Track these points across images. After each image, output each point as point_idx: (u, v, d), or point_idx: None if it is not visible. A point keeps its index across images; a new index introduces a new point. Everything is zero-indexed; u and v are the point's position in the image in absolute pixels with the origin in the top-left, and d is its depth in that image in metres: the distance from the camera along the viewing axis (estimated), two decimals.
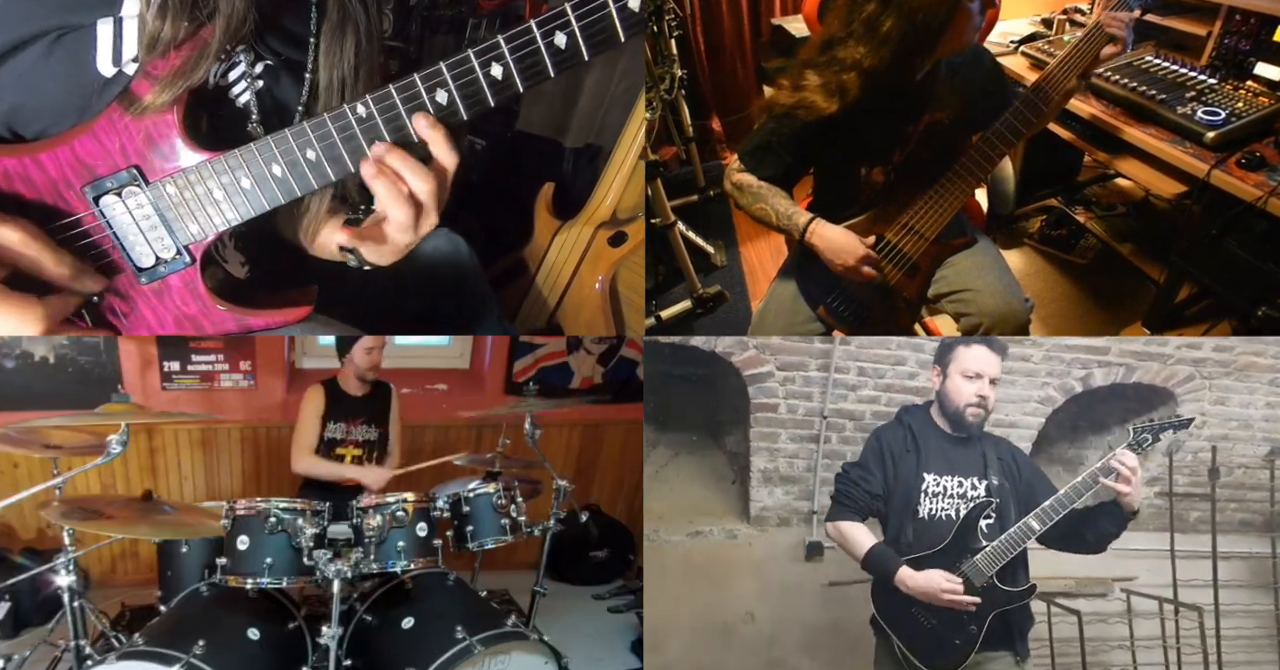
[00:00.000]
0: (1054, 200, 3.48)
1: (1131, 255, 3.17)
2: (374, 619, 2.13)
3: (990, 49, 2.20)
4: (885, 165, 1.98)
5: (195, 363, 2.98)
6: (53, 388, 2.82)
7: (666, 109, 3.56)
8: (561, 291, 2.57)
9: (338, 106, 1.18)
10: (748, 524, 3.16)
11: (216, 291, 1.24)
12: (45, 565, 2.04)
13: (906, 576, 1.70)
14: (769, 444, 3.03)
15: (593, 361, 3.57)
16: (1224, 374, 3.12)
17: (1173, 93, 2.39)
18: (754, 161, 1.98)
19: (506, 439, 2.64)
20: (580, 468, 3.61)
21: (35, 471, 2.77)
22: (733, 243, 3.91)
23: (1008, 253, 3.44)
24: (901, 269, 1.99)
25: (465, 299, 1.90)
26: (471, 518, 2.31)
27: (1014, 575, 1.73)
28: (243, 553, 1.95)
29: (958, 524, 1.73)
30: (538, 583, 2.61)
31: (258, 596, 2.08)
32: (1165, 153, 2.27)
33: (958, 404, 1.80)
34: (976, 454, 1.82)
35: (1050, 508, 1.68)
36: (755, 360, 2.87)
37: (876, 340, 2.88)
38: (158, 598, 2.18)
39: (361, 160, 1.18)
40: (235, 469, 3.12)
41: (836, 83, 1.78)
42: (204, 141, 1.17)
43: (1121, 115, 2.43)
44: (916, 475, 1.80)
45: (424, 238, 1.44)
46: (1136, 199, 3.29)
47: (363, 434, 2.72)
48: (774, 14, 4.11)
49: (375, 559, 2.03)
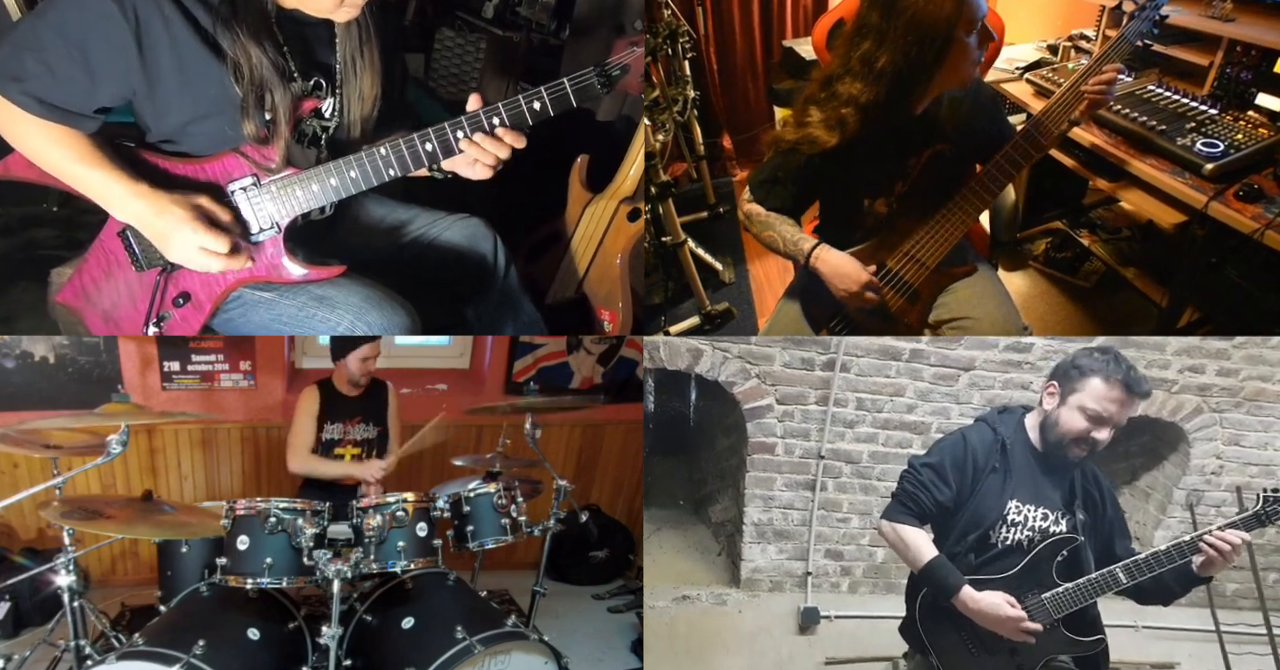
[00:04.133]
0: (1059, 223, 3.46)
1: (1135, 279, 3.11)
2: (374, 619, 2.13)
3: (995, 75, 2.24)
4: (888, 196, 2.02)
5: (195, 363, 2.97)
6: (53, 388, 2.82)
7: (679, 128, 3.61)
8: (588, 262, 2.66)
9: (361, 129, 1.90)
10: (738, 588, 3.04)
11: (291, 254, 1.85)
12: (45, 565, 2.04)
13: (969, 597, 1.58)
14: (764, 491, 2.97)
15: (592, 362, 3.56)
16: (1233, 405, 3.00)
17: (1173, 123, 2.39)
18: (762, 193, 2.07)
19: (506, 439, 2.63)
20: (580, 468, 3.60)
21: (35, 471, 2.77)
22: (741, 260, 3.94)
23: (1012, 275, 3.46)
24: (903, 296, 2.02)
25: (487, 290, 2.19)
26: (472, 517, 2.30)
27: (1082, 623, 1.62)
28: (242, 553, 1.95)
29: (1029, 556, 1.60)
30: (538, 582, 2.61)
31: (258, 596, 2.08)
32: (1165, 183, 2.27)
33: (1064, 436, 1.62)
34: (1065, 482, 1.68)
35: (1144, 563, 1.55)
36: (756, 391, 2.86)
37: (877, 367, 2.87)
38: (157, 598, 2.18)
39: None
40: (235, 469, 3.11)
41: (836, 117, 1.84)
42: (292, 160, 1.81)
43: (1124, 145, 2.43)
44: (1000, 500, 1.65)
45: (453, 222, 2.15)
46: (1142, 222, 3.26)
47: (360, 433, 2.72)
48: (785, 36, 4.22)
49: (375, 559, 2.03)
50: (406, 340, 3.54)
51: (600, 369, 3.59)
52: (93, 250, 1.87)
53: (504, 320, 2.27)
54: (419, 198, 2.21)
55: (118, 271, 1.86)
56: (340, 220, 2.05)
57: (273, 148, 1.77)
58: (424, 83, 3.32)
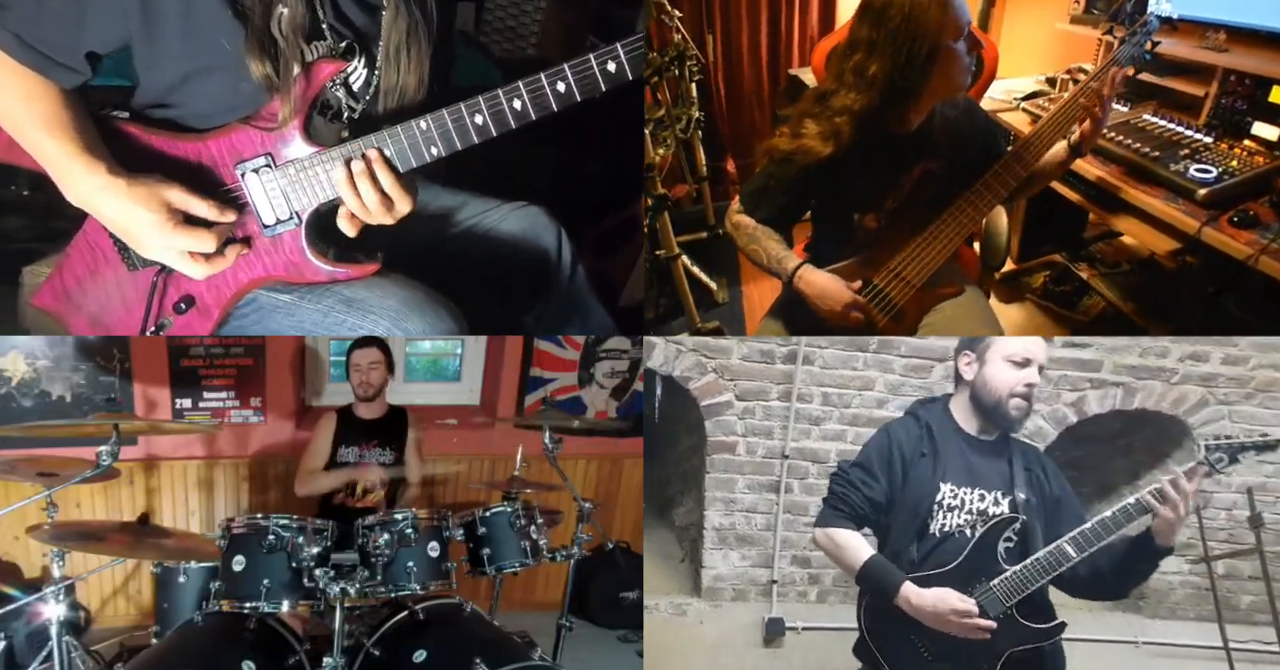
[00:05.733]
0: (1058, 256, 3.41)
1: (1134, 315, 2.99)
2: (381, 653, 1.98)
3: (993, 105, 2.27)
4: (878, 212, 2.01)
5: (206, 400, 2.94)
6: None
7: (681, 148, 3.64)
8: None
9: (392, 108, 1.62)
10: (699, 597, 2.88)
11: (314, 248, 1.62)
12: (34, 595, 1.94)
13: (911, 593, 1.48)
14: (726, 493, 2.83)
15: (605, 395, 3.48)
16: (1243, 397, 2.82)
17: (1167, 150, 2.41)
18: (752, 203, 2.06)
19: (524, 461, 2.53)
20: (600, 504, 3.47)
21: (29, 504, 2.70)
22: (736, 282, 3.92)
23: (1009, 307, 3.38)
24: (888, 314, 1.99)
25: (549, 291, 1.93)
26: (488, 539, 2.16)
27: (1038, 609, 1.51)
28: (238, 574, 1.83)
29: (973, 542, 1.51)
30: (563, 616, 2.44)
31: (257, 628, 1.94)
32: (1159, 209, 2.26)
33: (999, 394, 1.57)
34: (1003, 463, 1.62)
35: (1091, 532, 1.46)
36: (714, 387, 2.74)
37: (842, 358, 2.76)
38: (153, 632, 2.07)
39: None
40: (243, 506, 3.03)
41: (831, 128, 1.86)
42: (316, 139, 1.57)
43: (1119, 173, 2.44)
44: (931, 484, 1.58)
45: (509, 212, 1.88)
46: (1142, 256, 3.18)
47: (376, 457, 2.65)
48: (792, 65, 4.34)
49: (383, 582, 1.90)
50: (416, 377, 3.48)
51: (614, 403, 3.50)
52: (75, 244, 1.64)
53: (569, 326, 2.02)
54: (468, 181, 1.91)
55: (105, 269, 1.63)
56: None
57: (286, 109, 1.51)
58: (473, 38, 2.84)
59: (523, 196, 1.93)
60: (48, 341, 2.72)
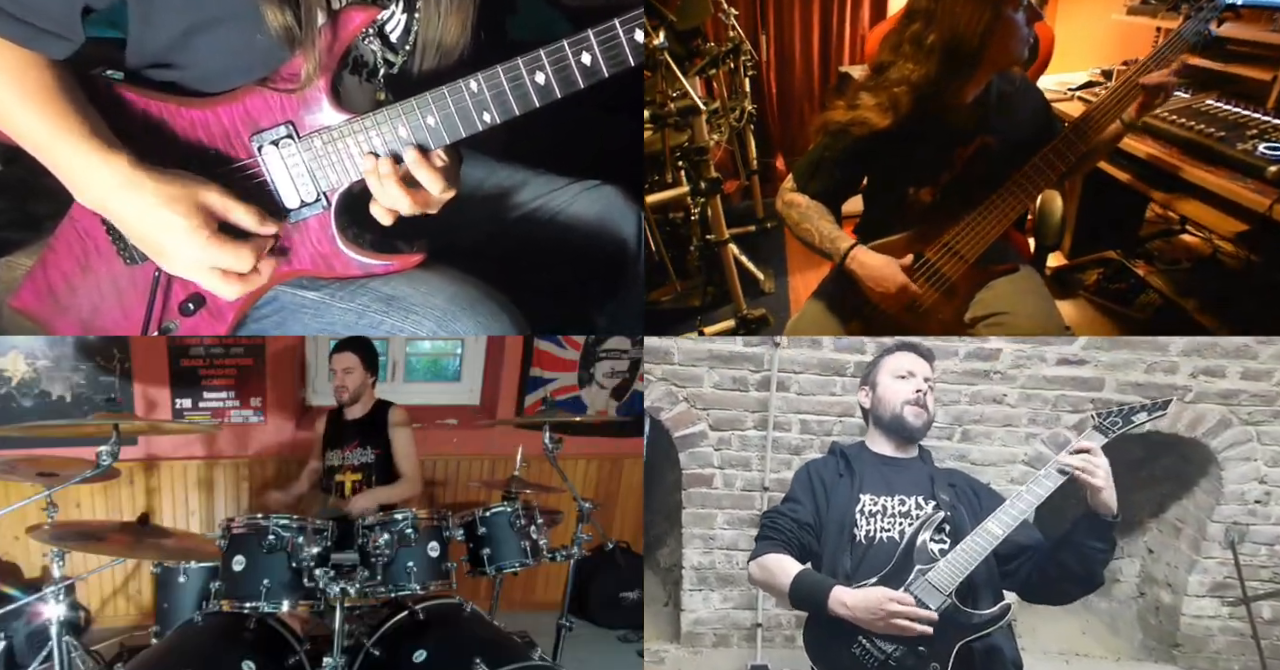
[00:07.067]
0: (1113, 253, 3.33)
1: (1195, 311, 2.83)
2: (381, 653, 1.97)
3: (1047, 95, 2.22)
4: (933, 186, 1.99)
5: (206, 400, 2.94)
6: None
7: (735, 141, 3.67)
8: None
9: (434, 66, 1.37)
10: (678, 643, 2.68)
11: (346, 236, 1.38)
12: (34, 595, 1.94)
13: (844, 595, 1.43)
14: (704, 530, 2.65)
15: (606, 395, 3.48)
16: (1271, 415, 2.58)
17: (1233, 131, 2.33)
18: (806, 177, 2.05)
19: (524, 461, 2.52)
20: (600, 504, 3.47)
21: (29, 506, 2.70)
22: (783, 273, 3.93)
23: (1063, 303, 3.18)
24: (939, 289, 1.97)
25: (627, 284, 1.67)
26: (488, 539, 2.17)
27: (979, 596, 1.49)
28: (238, 573, 1.83)
29: (902, 545, 1.49)
30: (563, 616, 2.44)
31: (257, 628, 1.94)
32: (1225, 189, 2.17)
33: (894, 405, 1.65)
34: (922, 475, 1.65)
35: (1010, 508, 1.46)
36: (686, 417, 2.56)
37: (819, 383, 2.58)
38: (153, 633, 2.06)
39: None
40: (243, 506, 3.02)
41: (890, 98, 1.85)
42: (346, 103, 1.32)
43: (1179, 154, 2.34)
44: (851, 498, 1.61)
45: (579, 192, 1.61)
46: (1203, 255, 3.05)
47: (358, 457, 2.58)
48: (843, 62, 4.42)
49: (383, 582, 1.90)
50: (416, 376, 3.48)
51: (614, 403, 3.50)
52: (59, 233, 1.38)
53: (638, 328, 1.88)
54: (528, 155, 1.63)
55: (98, 264, 1.38)
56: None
57: (310, 66, 1.26)
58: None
59: (598, 174, 1.64)
60: (48, 341, 2.72)
